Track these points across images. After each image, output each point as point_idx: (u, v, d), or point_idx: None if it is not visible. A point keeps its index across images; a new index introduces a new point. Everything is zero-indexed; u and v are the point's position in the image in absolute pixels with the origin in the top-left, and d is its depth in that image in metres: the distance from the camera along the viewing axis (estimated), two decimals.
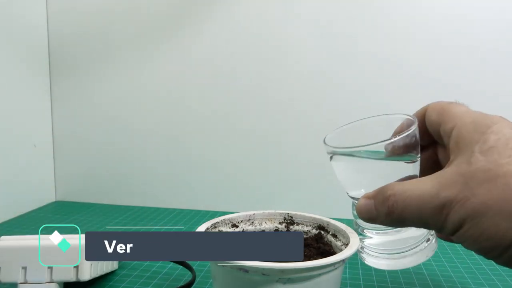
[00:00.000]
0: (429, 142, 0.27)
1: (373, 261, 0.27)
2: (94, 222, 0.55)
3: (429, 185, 0.21)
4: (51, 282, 0.31)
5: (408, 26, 0.52)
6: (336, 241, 0.30)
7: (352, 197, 0.27)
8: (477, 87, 0.51)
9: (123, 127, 0.63)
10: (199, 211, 0.60)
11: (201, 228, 0.29)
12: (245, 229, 0.33)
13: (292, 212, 0.34)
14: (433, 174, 0.22)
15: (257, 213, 0.34)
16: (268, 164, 0.58)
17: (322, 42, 0.55)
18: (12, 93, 0.58)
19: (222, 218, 0.32)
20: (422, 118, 0.26)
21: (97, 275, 0.34)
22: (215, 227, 0.31)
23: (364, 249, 0.28)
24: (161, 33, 0.60)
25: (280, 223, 0.34)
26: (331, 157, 0.27)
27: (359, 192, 0.26)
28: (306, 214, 0.33)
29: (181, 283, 0.36)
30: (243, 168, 0.59)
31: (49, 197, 0.66)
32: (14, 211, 0.58)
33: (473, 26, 0.51)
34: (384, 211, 0.23)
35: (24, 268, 0.31)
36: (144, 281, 0.37)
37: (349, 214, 0.27)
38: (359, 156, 0.25)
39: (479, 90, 0.50)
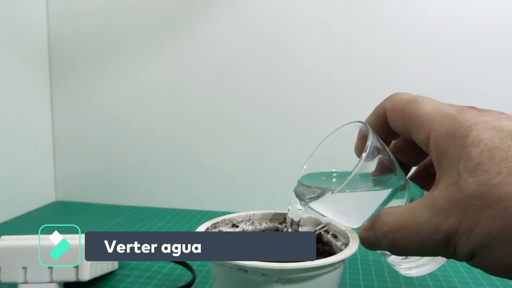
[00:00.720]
0: (394, 136, 0.25)
1: (405, 272, 0.27)
2: (94, 222, 0.55)
3: (424, 216, 0.20)
4: (51, 282, 0.31)
5: (411, 26, 0.52)
6: (336, 241, 0.30)
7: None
8: (478, 87, 0.51)
9: (123, 127, 0.63)
10: (199, 211, 0.60)
11: (201, 228, 0.29)
12: (245, 229, 0.33)
13: None
14: (422, 200, 0.20)
15: (257, 213, 0.34)
16: (268, 164, 0.58)
17: (324, 41, 0.55)
18: (12, 93, 0.58)
19: (222, 218, 0.32)
20: (383, 120, 0.25)
21: (97, 275, 0.34)
22: (215, 227, 0.31)
23: (396, 266, 0.28)
24: (161, 33, 0.60)
25: (280, 223, 0.34)
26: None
27: (352, 223, 0.26)
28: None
29: (181, 283, 0.36)
30: (243, 168, 0.59)
31: (49, 197, 0.66)
32: (14, 211, 0.58)
33: (475, 26, 0.51)
34: (387, 248, 0.22)
35: (24, 268, 0.31)
36: (144, 281, 0.37)
37: None
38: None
39: (481, 90, 0.51)
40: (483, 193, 0.18)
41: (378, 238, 0.22)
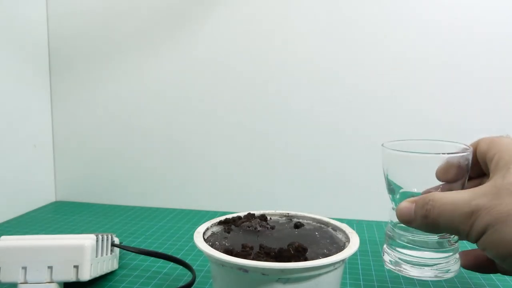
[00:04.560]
0: (478, 174, 0.30)
1: (411, 274, 0.30)
2: (94, 222, 0.55)
3: (466, 194, 0.24)
4: (51, 282, 0.31)
5: (412, 25, 0.52)
6: None
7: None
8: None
9: (123, 127, 0.63)
10: (199, 211, 0.60)
11: (201, 228, 0.29)
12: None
13: (292, 212, 0.34)
14: (473, 188, 0.24)
15: (258, 213, 0.34)
16: (268, 164, 0.58)
17: (325, 41, 0.55)
18: (12, 93, 0.58)
19: (222, 218, 0.32)
20: (474, 150, 0.29)
21: (97, 275, 0.34)
22: (215, 227, 0.31)
23: (402, 265, 0.30)
24: (161, 33, 0.60)
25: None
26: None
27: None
28: (306, 214, 0.33)
29: (181, 283, 0.36)
30: (243, 168, 0.59)
31: (49, 197, 0.66)
32: (14, 211, 0.58)
33: (478, 28, 0.51)
34: (421, 214, 0.25)
35: (24, 268, 0.31)
36: (144, 281, 0.37)
37: (349, 214, 0.28)
38: None
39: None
40: None
41: (417, 209, 0.25)
